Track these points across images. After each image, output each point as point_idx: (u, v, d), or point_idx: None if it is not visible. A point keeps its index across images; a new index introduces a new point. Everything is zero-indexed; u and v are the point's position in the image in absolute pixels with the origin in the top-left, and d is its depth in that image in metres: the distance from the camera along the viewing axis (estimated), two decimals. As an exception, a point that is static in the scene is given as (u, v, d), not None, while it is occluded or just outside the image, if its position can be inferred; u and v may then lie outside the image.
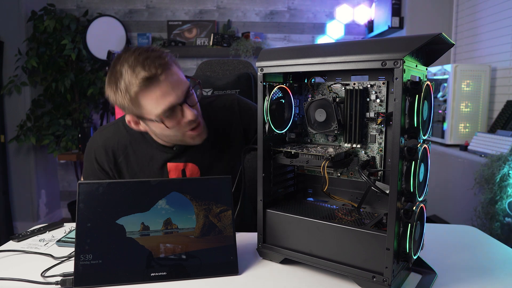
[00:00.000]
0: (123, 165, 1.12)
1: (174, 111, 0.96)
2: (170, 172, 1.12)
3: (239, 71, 1.67)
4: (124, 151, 1.11)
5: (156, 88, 0.92)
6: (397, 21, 2.86)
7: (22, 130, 2.98)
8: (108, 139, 1.12)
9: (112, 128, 1.14)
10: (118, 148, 1.11)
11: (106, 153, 1.11)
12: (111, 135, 1.12)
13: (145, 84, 0.91)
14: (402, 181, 0.73)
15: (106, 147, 1.11)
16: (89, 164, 1.14)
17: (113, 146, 1.11)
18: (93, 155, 1.12)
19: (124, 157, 1.12)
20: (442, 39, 0.75)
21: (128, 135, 1.12)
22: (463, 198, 1.97)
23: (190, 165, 1.13)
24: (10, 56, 2.98)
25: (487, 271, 0.87)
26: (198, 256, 0.84)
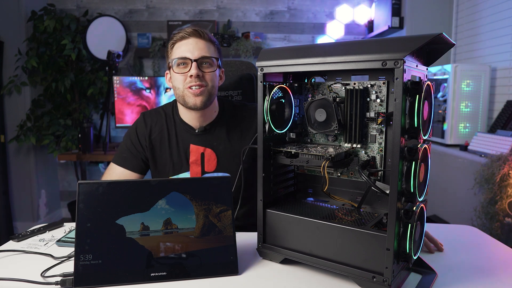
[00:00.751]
0: (157, 141, 1.29)
1: (185, 64, 1.18)
2: (192, 152, 1.26)
3: (241, 72, 1.67)
4: (159, 129, 1.30)
5: (184, 42, 1.18)
6: (397, 21, 2.86)
7: (22, 130, 2.98)
8: (149, 117, 1.32)
9: (153, 111, 1.35)
10: (156, 125, 1.30)
11: (146, 126, 1.30)
12: (152, 115, 1.33)
13: (180, 38, 1.19)
14: (402, 181, 0.73)
15: (146, 122, 1.31)
16: (128, 137, 1.32)
17: (152, 122, 1.31)
18: (134, 128, 1.31)
19: (159, 134, 1.29)
20: (442, 39, 0.75)
21: (165, 116, 1.31)
22: (463, 198, 1.96)
23: (209, 150, 1.27)
24: (10, 56, 2.98)
25: (487, 271, 0.87)
26: (198, 256, 0.84)
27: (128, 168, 1.28)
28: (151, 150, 1.29)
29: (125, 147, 1.31)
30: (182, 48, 1.18)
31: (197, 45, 1.18)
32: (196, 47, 1.18)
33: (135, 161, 1.29)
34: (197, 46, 1.18)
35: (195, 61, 1.16)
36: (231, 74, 1.66)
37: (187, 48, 1.17)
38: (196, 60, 1.16)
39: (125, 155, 1.30)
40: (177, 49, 1.19)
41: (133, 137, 1.30)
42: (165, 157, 1.28)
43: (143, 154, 1.29)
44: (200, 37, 1.19)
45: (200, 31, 1.19)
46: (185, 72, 1.17)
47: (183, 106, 1.24)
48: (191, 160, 1.26)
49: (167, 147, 1.28)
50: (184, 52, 1.17)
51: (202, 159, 1.26)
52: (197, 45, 1.18)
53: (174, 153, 1.27)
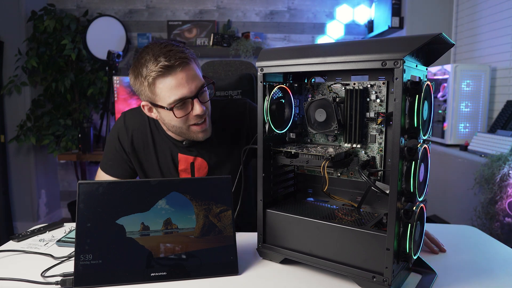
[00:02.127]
0: (140, 147, 1.20)
1: (185, 103, 1.02)
2: (180, 161, 1.18)
3: (241, 72, 1.67)
4: (143, 132, 1.20)
5: (172, 77, 0.99)
6: (397, 21, 2.86)
7: (22, 130, 2.98)
8: (131, 120, 1.21)
9: (135, 111, 1.22)
10: (138, 128, 1.20)
11: (127, 131, 1.19)
12: (134, 117, 1.21)
13: (162, 72, 0.98)
14: (402, 181, 0.73)
15: (127, 127, 1.20)
16: (111, 143, 1.22)
17: (134, 127, 1.20)
18: (116, 134, 1.21)
19: (142, 139, 1.19)
20: (442, 39, 0.75)
21: (148, 119, 1.20)
22: (463, 198, 1.96)
23: (199, 160, 1.19)
24: (10, 56, 2.98)
25: (487, 271, 0.87)
26: (198, 256, 0.84)
27: (116, 176, 1.23)
28: (136, 157, 1.21)
29: (110, 155, 1.23)
30: (172, 84, 0.99)
31: (188, 76, 1.00)
32: (189, 79, 1.00)
33: (121, 169, 1.23)
34: (189, 76, 1.01)
35: (196, 97, 1.02)
36: (231, 74, 1.66)
37: (179, 83, 0.99)
38: (197, 95, 1.02)
39: (111, 163, 1.23)
40: (166, 86, 0.99)
41: (116, 144, 1.21)
42: (152, 164, 1.21)
43: (128, 161, 1.22)
44: (187, 64, 1.01)
45: (184, 56, 1.00)
46: (188, 113, 1.03)
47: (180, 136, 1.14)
48: (180, 168, 1.19)
49: (153, 153, 1.20)
50: (179, 92, 1.00)
51: (192, 168, 1.19)
52: (189, 75, 1.01)
53: (161, 160, 1.20)
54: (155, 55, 0.99)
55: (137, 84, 1.05)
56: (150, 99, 1.05)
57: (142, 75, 1.01)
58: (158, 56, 0.98)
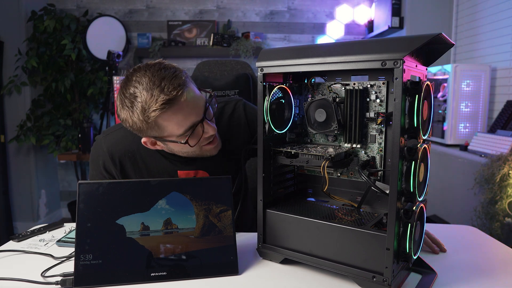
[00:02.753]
0: (130, 172, 1.09)
1: (195, 129, 0.94)
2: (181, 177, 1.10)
3: (237, 71, 1.67)
4: (131, 158, 1.08)
5: (177, 110, 0.89)
6: (397, 21, 2.86)
7: (22, 130, 2.98)
8: (114, 146, 1.07)
9: (117, 134, 1.09)
10: (125, 155, 1.07)
11: (112, 160, 1.07)
12: (117, 142, 1.08)
13: (165, 107, 0.87)
14: (402, 181, 0.73)
15: (112, 154, 1.07)
16: (96, 171, 1.10)
17: (120, 153, 1.07)
18: (101, 163, 1.08)
19: (132, 164, 1.08)
20: (442, 39, 0.75)
21: (134, 141, 1.06)
22: (463, 198, 1.96)
23: (201, 173, 1.11)
24: (10, 56, 2.98)
25: (487, 271, 0.87)
26: (198, 256, 0.84)
27: None
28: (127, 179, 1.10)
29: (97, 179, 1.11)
30: (179, 117, 0.91)
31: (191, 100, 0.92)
32: (193, 103, 0.92)
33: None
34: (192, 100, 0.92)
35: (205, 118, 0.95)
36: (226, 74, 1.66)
37: (186, 112, 0.91)
38: (205, 116, 0.95)
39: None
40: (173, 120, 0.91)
41: (103, 173, 1.09)
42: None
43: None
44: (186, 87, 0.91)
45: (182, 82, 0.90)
46: (201, 137, 0.96)
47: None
48: None
49: (146, 176, 1.10)
50: (188, 121, 0.92)
51: None
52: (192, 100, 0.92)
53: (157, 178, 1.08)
54: (148, 89, 0.87)
55: (136, 124, 0.92)
56: (155, 135, 0.96)
57: (139, 113, 0.89)
58: (152, 89, 0.87)
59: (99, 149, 1.09)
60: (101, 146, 1.09)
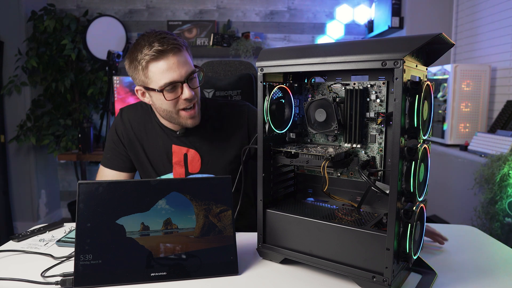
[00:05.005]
0: (135, 139, 1.24)
1: (175, 87, 1.07)
2: (174, 153, 1.21)
3: (240, 72, 1.67)
4: (138, 126, 1.25)
5: (164, 61, 1.04)
6: (397, 21, 2.86)
7: (22, 130, 2.98)
8: (127, 114, 1.27)
9: (131, 106, 1.29)
10: (134, 122, 1.25)
11: (124, 124, 1.25)
12: (130, 112, 1.27)
13: (155, 56, 1.03)
14: (402, 181, 0.73)
15: (123, 120, 1.26)
16: (110, 138, 1.28)
17: (130, 121, 1.25)
18: (114, 128, 1.27)
19: (137, 131, 1.24)
20: (442, 39, 0.75)
21: (143, 113, 1.26)
22: (463, 198, 1.96)
23: (192, 151, 1.21)
24: (10, 56, 2.98)
25: (487, 271, 0.87)
26: (198, 256, 0.84)
27: (115, 169, 1.26)
28: (132, 149, 1.25)
29: (109, 148, 1.27)
30: (164, 68, 1.04)
31: (179, 61, 1.05)
32: (179, 64, 1.05)
33: (119, 161, 1.26)
34: (180, 62, 1.05)
35: (186, 82, 1.07)
36: (230, 74, 1.66)
37: (170, 68, 1.04)
38: (186, 80, 1.07)
39: (109, 156, 1.27)
40: (157, 70, 1.05)
41: (114, 137, 1.26)
42: (147, 156, 1.24)
43: (125, 153, 1.26)
44: (179, 50, 1.06)
45: (177, 43, 1.05)
46: (178, 96, 1.08)
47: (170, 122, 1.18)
48: (174, 160, 1.21)
49: (148, 145, 1.24)
50: (170, 75, 1.04)
51: (185, 160, 1.21)
52: (179, 61, 1.05)
53: (156, 152, 1.23)
54: (150, 41, 1.04)
55: (132, 69, 1.10)
56: (143, 83, 1.10)
57: (136, 59, 1.07)
58: (153, 42, 1.04)
59: (117, 117, 1.30)
60: (119, 115, 1.29)
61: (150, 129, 1.24)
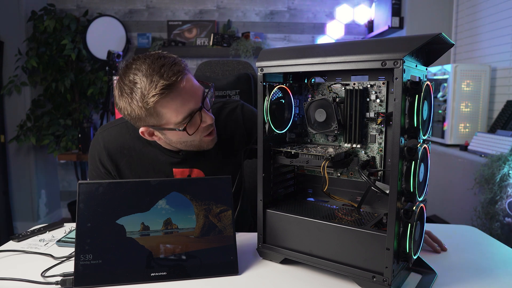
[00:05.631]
0: (126, 169, 1.09)
1: (193, 117, 0.94)
2: (176, 175, 1.10)
3: (238, 71, 1.67)
4: (127, 155, 1.08)
5: (176, 95, 0.90)
6: (397, 21, 2.86)
7: (22, 130, 2.98)
8: (110, 141, 1.08)
9: (114, 130, 1.10)
10: (121, 151, 1.08)
11: (108, 155, 1.08)
12: (114, 137, 1.09)
13: (164, 93, 0.88)
14: (402, 181, 0.73)
15: (108, 149, 1.08)
16: (94, 167, 1.11)
17: (116, 149, 1.08)
18: (97, 159, 1.09)
19: (127, 160, 1.08)
20: (442, 39, 0.75)
21: (131, 137, 1.08)
22: (463, 198, 1.96)
23: (195, 171, 1.11)
24: (10, 56, 2.98)
25: (487, 271, 0.87)
26: (198, 256, 0.84)
27: None
28: (122, 177, 1.11)
29: (94, 174, 1.12)
30: (178, 103, 0.91)
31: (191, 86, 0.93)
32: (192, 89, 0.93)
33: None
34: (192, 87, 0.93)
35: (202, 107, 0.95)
36: (228, 74, 1.66)
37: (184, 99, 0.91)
38: (203, 105, 0.95)
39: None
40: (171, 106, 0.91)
41: (100, 168, 1.10)
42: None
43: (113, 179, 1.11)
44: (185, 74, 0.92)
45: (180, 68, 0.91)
46: (197, 124, 0.96)
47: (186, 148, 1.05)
48: None
49: (141, 172, 1.09)
50: (187, 108, 0.92)
51: None
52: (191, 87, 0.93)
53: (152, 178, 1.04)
54: (147, 75, 0.88)
55: (135, 111, 0.92)
56: (153, 124, 0.95)
57: (138, 100, 0.89)
58: (152, 75, 0.88)
59: (96, 144, 1.10)
60: (98, 141, 1.10)
61: (144, 155, 1.08)
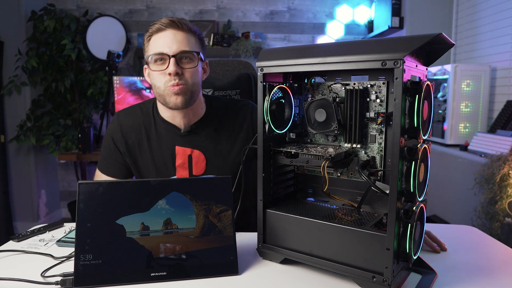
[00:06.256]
0: (135, 145, 1.21)
1: (163, 61, 1.08)
2: (178, 155, 1.18)
3: (239, 71, 1.67)
4: (136, 130, 1.21)
5: (162, 34, 1.08)
6: (397, 21, 2.86)
7: (22, 130, 2.98)
8: (125, 119, 1.23)
9: (129, 110, 1.26)
10: (132, 126, 1.21)
11: (121, 132, 1.21)
12: (127, 116, 1.23)
13: (157, 29, 1.08)
14: (402, 181, 0.73)
15: (121, 127, 1.22)
16: (105, 146, 1.24)
17: (128, 127, 1.21)
18: (110, 137, 1.23)
19: (137, 137, 1.21)
20: (442, 39, 0.75)
21: (142, 116, 1.22)
22: (463, 198, 1.96)
23: (196, 152, 1.19)
24: (10, 56, 2.98)
25: (487, 271, 0.87)
26: (198, 256, 0.84)
27: (111, 175, 1.24)
28: (130, 156, 1.21)
29: (104, 154, 1.25)
30: (159, 41, 1.07)
31: (175, 38, 1.07)
32: (174, 40, 1.07)
33: (116, 168, 1.24)
34: (175, 39, 1.07)
35: (173, 57, 1.06)
36: (229, 74, 1.66)
37: (164, 41, 1.07)
38: (175, 56, 1.06)
39: (105, 162, 1.24)
40: (154, 42, 1.09)
41: (110, 144, 1.23)
42: (147, 161, 1.20)
43: (122, 160, 1.23)
44: (178, 29, 1.08)
45: (178, 21, 1.08)
46: (163, 70, 1.08)
47: (163, 105, 1.15)
48: (177, 163, 1.18)
49: (148, 150, 1.20)
50: (161, 47, 1.07)
51: (189, 162, 1.18)
52: (175, 38, 1.07)
53: (157, 156, 1.19)
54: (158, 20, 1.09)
55: (143, 47, 1.14)
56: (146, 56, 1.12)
57: (144, 36, 1.13)
58: (159, 21, 1.09)
59: (112, 123, 1.25)
60: (114, 120, 1.25)
61: (152, 132, 1.20)
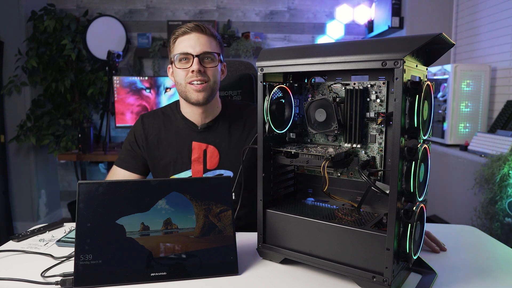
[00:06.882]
0: (154, 142, 1.30)
1: (187, 59, 1.20)
2: (194, 149, 1.27)
3: (240, 72, 1.67)
4: (157, 130, 1.31)
5: (187, 37, 1.20)
6: (397, 21, 2.86)
7: (22, 130, 2.97)
8: (147, 119, 1.34)
9: (151, 112, 1.38)
10: (153, 126, 1.32)
11: (143, 128, 1.32)
12: (149, 117, 1.35)
13: (183, 32, 1.20)
14: (402, 181, 0.73)
15: (144, 123, 1.33)
16: (127, 140, 1.34)
17: (149, 124, 1.33)
18: (133, 134, 1.34)
19: (156, 135, 1.31)
20: (442, 39, 0.75)
21: (163, 117, 1.33)
22: (463, 198, 1.96)
23: (211, 147, 1.28)
24: (10, 56, 2.98)
25: (487, 271, 0.87)
26: (198, 256, 0.84)
27: (127, 169, 1.31)
28: (149, 151, 1.30)
29: (124, 149, 1.34)
30: (184, 43, 1.19)
31: (199, 40, 1.19)
32: (198, 42, 1.19)
33: (133, 162, 1.31)
34: (199, 41, 1.19)
35: (197, 57, 1.18)
36: (230, 75, 1.66)
37: (189, 43, 1.19)
38: (198, 56, 1.18)
39: (123, 156, 1.33)
40: (179, 44, 1.21)
41: (131, 139, 1.33)
42: (165, 157, 1.28)
43: (141, 155, 1.31)
44: (202, 32, 1.20)
45: (202, 26, 1.21)
46: (187, 68, 1.19)
47: (185, 101, 1.25)
48: (193, 157, 1.27)
49: (166, 146, 1.29)
50: (186, 48, 1.19)
51: (204, 156, 1.27)
52: (199, 41, 1.19)
53: (174, 151, 1.28)
54: (184, 25, 1.21)
55: (168, 48, 1.26)
56: (170, 58, 1.24)
57: (170, 38, 1.24)
58: (185, 25, 1.21)
59: (137, 122, 1.36)
60: (138, 120, 1.36)
61: (172, 128, 1.30)
